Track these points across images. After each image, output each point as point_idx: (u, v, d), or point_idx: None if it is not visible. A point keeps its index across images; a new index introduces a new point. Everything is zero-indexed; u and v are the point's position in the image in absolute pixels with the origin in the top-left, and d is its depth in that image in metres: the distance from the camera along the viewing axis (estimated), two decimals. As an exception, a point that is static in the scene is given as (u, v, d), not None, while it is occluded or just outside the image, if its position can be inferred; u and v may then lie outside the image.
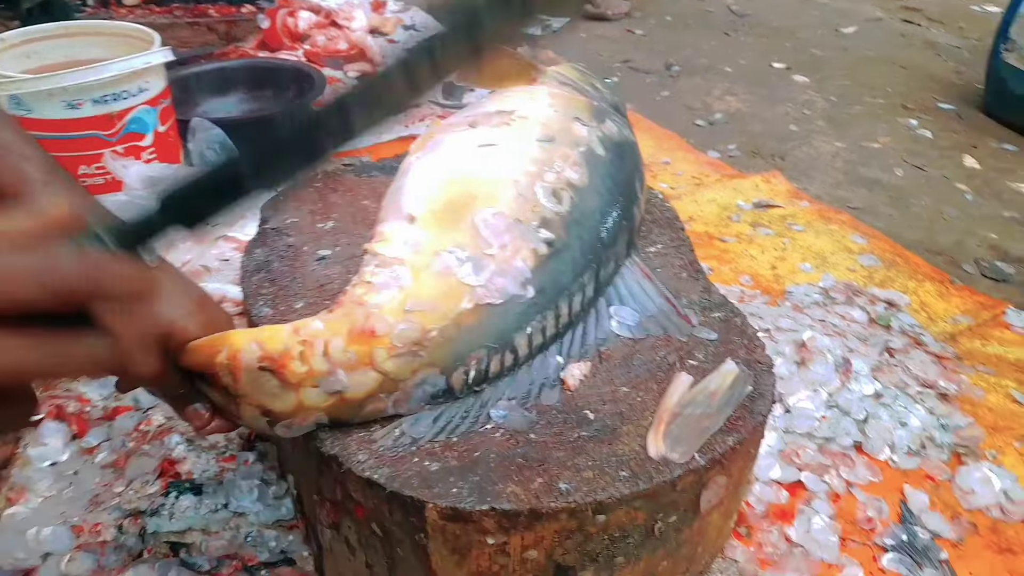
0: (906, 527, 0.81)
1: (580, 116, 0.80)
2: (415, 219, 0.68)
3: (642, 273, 0.78)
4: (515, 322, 0.64)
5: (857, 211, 1.52)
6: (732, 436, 0.62)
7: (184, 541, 0.77)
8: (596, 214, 0.73)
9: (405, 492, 0.56)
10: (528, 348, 0.66)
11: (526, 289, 0.64)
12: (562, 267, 0.68)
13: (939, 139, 1.89)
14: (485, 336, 0.62)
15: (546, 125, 0.77)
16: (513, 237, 0.66)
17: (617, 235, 0.75)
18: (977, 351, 1.09)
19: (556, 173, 0.72)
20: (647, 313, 0.74)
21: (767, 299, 1.16)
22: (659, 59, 2.33)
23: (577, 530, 0.58)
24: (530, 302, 0.64)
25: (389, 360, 0.59)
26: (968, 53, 2.52)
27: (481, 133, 0.77)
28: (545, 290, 0.66)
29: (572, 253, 0.69)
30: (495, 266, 0.64)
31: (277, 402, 0.58)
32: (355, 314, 0.61)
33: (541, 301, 0.65)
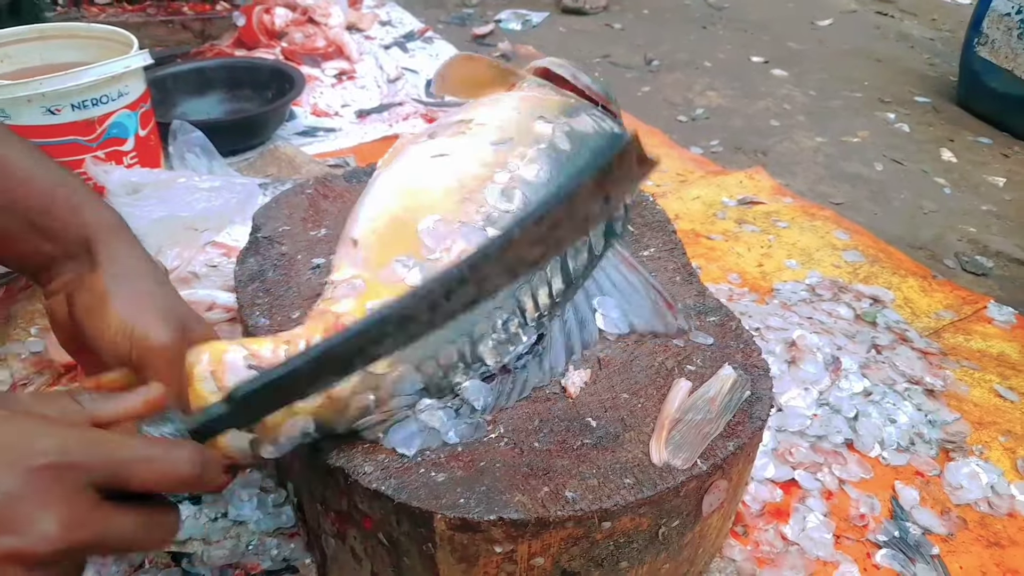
0: (898, 523, 0.83)
1: (545, 114, 0.80)
2: (357, 243, 0.70)
3: (626, 264, 0.78)
4: (474, 317, 0.64)
5: (839, 206, 1.53)
6: (732, 441, 0.63)
7: (185, 551, 0.76)
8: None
9: (413, 503, 0.57)
10: (497, 343, 0.66)
11: None
12: None
13: (916, 133, 1.92)
14: (447, 332, 0.62)
15: (503, 128, 0.78)
16: (457, 239, 0.68)
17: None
18: (961, 346, 1.11)
19: (509, 173, 0.73)
20: (632, 304, 0.75)
21: (755, 297, 1.17)
22: (638, 54, 2.34)
23: (583, 537, 0.59)
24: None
25: None
26: (941, 45, 2.55)
27: (436, 144, 0.78)
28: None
29: None
30: (439, 268, 0.64)
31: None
32: (326, 318, 0.63)
33: (497, 296, 0.65)
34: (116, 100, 1.20)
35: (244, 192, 1.17)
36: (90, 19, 1.93)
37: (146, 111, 1.28)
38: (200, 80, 1.69)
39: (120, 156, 1.24)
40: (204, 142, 1.36)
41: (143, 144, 1.27)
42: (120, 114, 1.21)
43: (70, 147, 1.16)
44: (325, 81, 1.90)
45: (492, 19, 2.51)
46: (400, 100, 1.81)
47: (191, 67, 1.72)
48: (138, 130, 1.26)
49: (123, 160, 1.25)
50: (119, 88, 1.20)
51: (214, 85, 1.71)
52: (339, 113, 1.77)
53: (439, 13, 2.54)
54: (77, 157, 1.17)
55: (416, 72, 1.97)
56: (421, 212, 0.70)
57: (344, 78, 1.93)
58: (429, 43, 2.18)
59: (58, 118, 1.15)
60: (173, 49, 1.95)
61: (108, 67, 1.17)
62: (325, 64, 1.97)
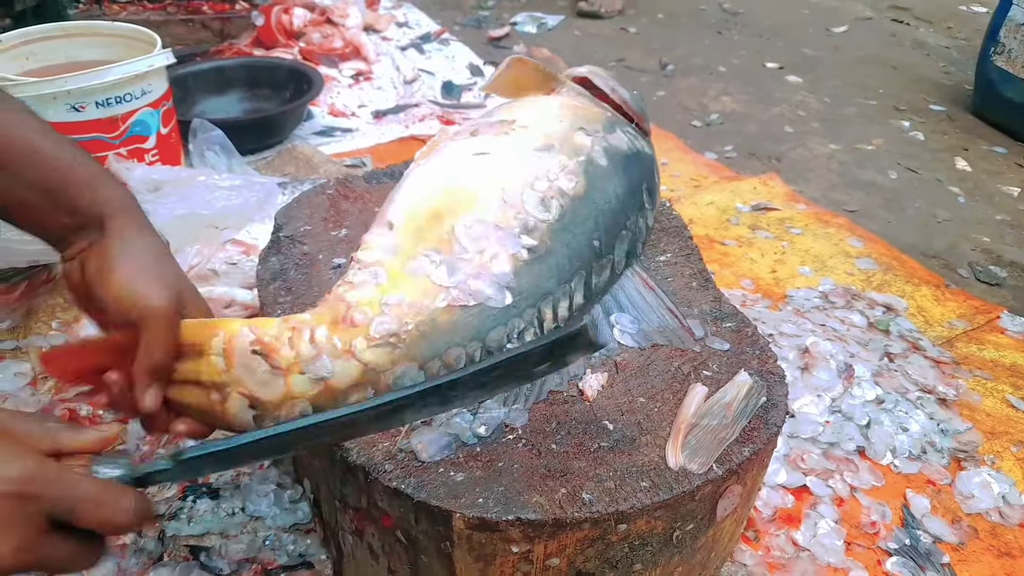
0: (909, 531, 0.83)
1: (586, 126, 0.80)
2: (394, 226, 0.70)
3: (644, 284, 0.79)
4: (491, 323, 0.65)
5: (853, 214, 1.54)
6: (748, 447, 0.64)
7: (203, 544, 0.78)
8: (589, 222, 0.73)
9: (432, 502, 0.58)
10: (503, 342, 0.66)
11: (503, 293, 0.65)
12: (545, 272, 0.68)
13: (931, 141, 1.92)
14: (460, 334, 0.64)
15: (547, 135, 0.78)
16: (492, 243, 0.67)
17: (614, 244, 0.76)
18: (973, 355, 1.12)
19: (549, 181, 0.73)
20: (649, 324, 0.75)
21: (768, 303, 1.18)
22: (653, 58, 2.34)
23: (599, 538, 0.60)
24: (507, 305, 0.66)
25: (368, 350, 0.61)
26: (957, 53, 2.54)
27: (479, 142, 0.77)
28: (524, 294, 0.67)
29: (557, 259, 0.70)
30: (470, 269, 0.65)
31: (266, 390, 0.60)
32: (337, 307, 0.64)
33: (520, 304, 0.66)
34: (139, 98, 1.22)
35: (264, 191, 1.18)
36: (112, 17, 1.94)
37: (168, 109, 1.29)
38: (220, 79, 1.71)
39: (142, 153, 1.26)
40: (224, 140, 1.38)
41: (164, 142, 1.29)
42: (143, 112, 1.23)
43: (94, 144, 1.18)
44: (342, 81, 1.91)
45: (508, 22, 2.52)
46: (416, 101, 1.82)
47: (211, 66, 1.73)
48: (160, 128, 1.27)
49: (145, 157, 1.26)
50: (142, 86, 1.22)
51: (233, 84, 1.72)
52: (356, 114, 1.78)
53: (455, 15, 2.55)
54: (101, 154, 1.19)
55: (432, 74, 1.99)
56: (460, 208, 0.69)
57: (361, 79, 1.94)
58: (445, 45, 2.19)
59: (83, 115, 1.17)
60: (192, 48, 1.97)
61: (132, 66, 1.18)
62: (342, 65, 1.98)
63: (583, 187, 0.74)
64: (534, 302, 0.68)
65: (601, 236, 0.74)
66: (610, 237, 0.75)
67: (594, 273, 0.74)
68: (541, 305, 0.68)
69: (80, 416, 0.90)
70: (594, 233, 0.73)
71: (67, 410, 0.90)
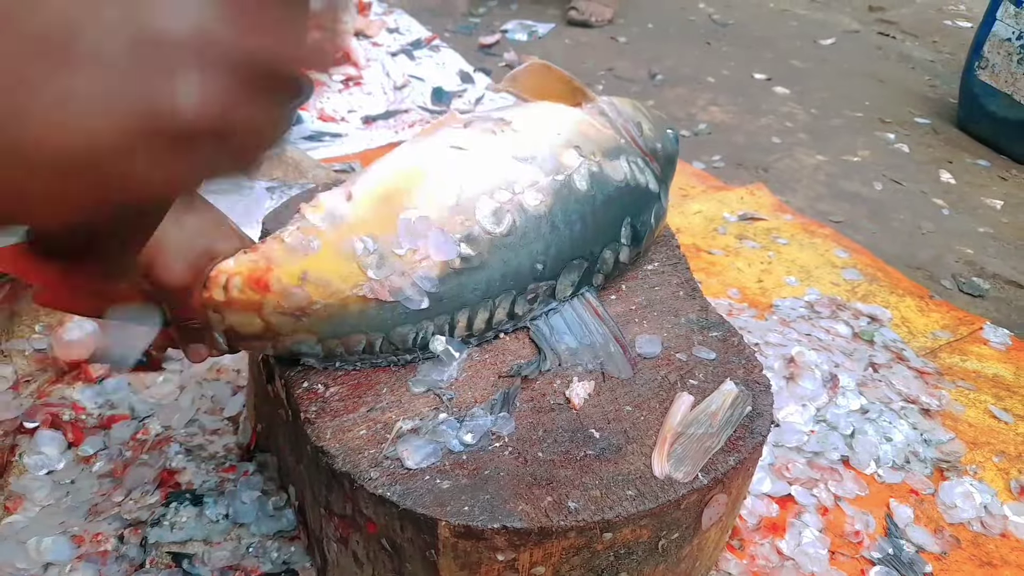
0: (892, 540, 0.84)
1: (583, 146, 0.76)
2: (351, 198, 0.68)
3: (592, 311, 0.76)
4: (400, 320, 0.65)
5: (839, 224, 1.55)
6: (733, 456, 0.64)
7: (186, 552, 0.77)
8: (538, 244, 0.70)
9: (418, 510, 0.58)
10: (411, 341, 0.67)
11: (421, 296, 0.65)
12: (471, 285, 0.67)
13: (916, 153, 1.94)
14: (365, 323, 0.65)
15: (534, 144, 0.74)
16: (428, 244, 0.66)
17: (561, 271, 0.73)
18: (956, 366, 1.13)
19: (512, 194, 0.70)
20: (585, 348, 0.73)
21: (754, 312, 1.19)
22: (643, 68, 2.36)
23: (585, 547, 0.60)
24: (421, 309, 0.66)
25: (274, 314, 0.64)
26: (942, 67, 2.58)
27: (464, 134, 0.75)
28: (444, 300, 0.66)
29: (489, 274, 0.68)
30: (399, 265, 0.65)
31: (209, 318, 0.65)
32: (259, 264, 0.64)
33: (435, 309, 0.66)
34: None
35: (251, 195, 1.18)
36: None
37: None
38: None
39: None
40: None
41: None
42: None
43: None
44: (332, 86, 1.91)
45: (499, 29, 2.53)
46: (406, 107, 1.82)
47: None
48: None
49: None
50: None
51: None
52: (345, 119, 1.78)
53: (446, 22, 2.55)
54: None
55: (422, 80, 1.99)
56: (413, 199, 0.68)
57: (351, 84, 1.94)
58: (436, 51, 2.19)
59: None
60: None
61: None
62: (332, 70, 1.98)
63: (547, 207, 0.71)
64: (451, 310, 0.67)
65: (547, 260, 0.71)
66: (558, 263, 0.72)
67: (522, 296, 0.71)
68: (457, 314, 0.68)
69: (63, 420, 0.89)
70: (540, 256, 0.71)
71: (49, 414, 0.89)
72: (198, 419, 0.92)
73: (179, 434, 0.89)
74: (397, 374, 0.68)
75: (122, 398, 0.94)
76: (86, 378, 0.95)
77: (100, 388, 0.95)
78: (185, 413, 0.92)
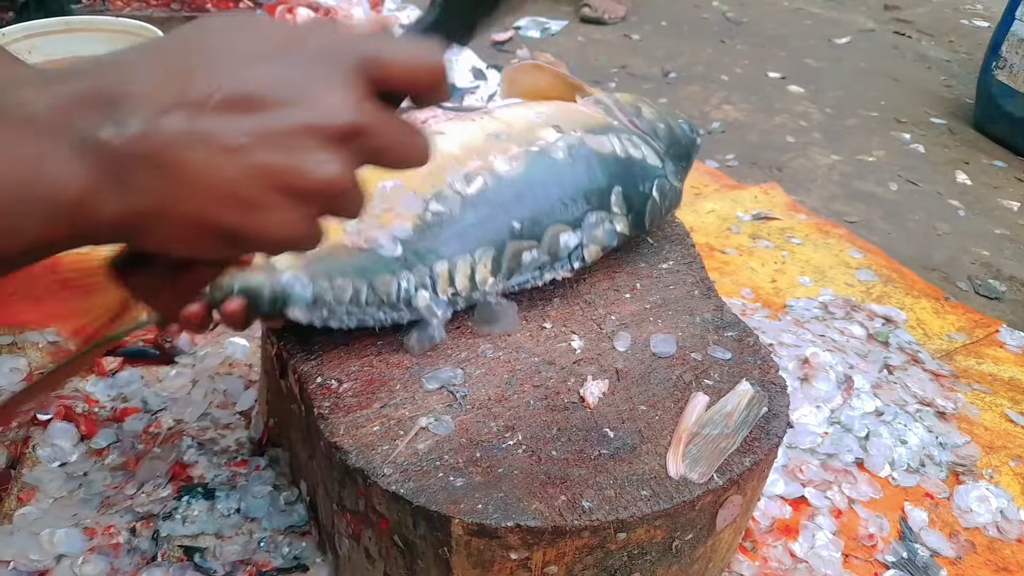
0: (906, 544, 0.83)
1: (563, 125, 0.79)
2: None
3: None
4: (380, 267, 0.68)
5: (854, 225, 1.54)
6: (749, 457, 0.64)
7: (197, 545, 0.77)
8: (511, 203, 0.73)
9: (431, 507, 0.57)
10: (395, 293, 0.68)
11: (395, 244, 0.68)
12: (443, 236, 0.70)
13: (931, 154, 1.92)
14: (350, 268, 0.67)
15: (510, 124, 0.78)
16: (400, 203, 0.71)
17: (543, 233, 0.74)
18: (972, 369, 1.12)
19: (482, 161, 0.74)
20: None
21: (768, 313, 1.18)
22: (656, 65, 2.35)
23: (598, 547, 0.59)
24: (398, 256, 0.69)
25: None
26: (958, 67, 2.56)
27: (447, 124, 0.78)
28: (419, 252, 0.69)
29: (461, 227, 0.71)
30: (374, 221, 0.69)
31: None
32: None
33: (411, 259, 0.69)
34: (141, 94, 1.21)
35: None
36: (115, 12, 1.94)
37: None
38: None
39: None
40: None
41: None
42: (144, 108, 1.22)
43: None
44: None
45: (511, 26, 2.52)
46: (419, 103, 1.82)
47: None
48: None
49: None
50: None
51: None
52: (358, 114, 1.78)
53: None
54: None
55: (435, 76, 1.98)
56: (391, 174, 0.69)
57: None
58: (448, 47, 2.19)
59: (83, 110, 1.16)
60: (195, 45, 1.96)
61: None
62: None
63: (519, 171, 0.74)
64: (428, 262, 0.69)
65: (524, 221, 0.73)
66: (537, 225, 0.73)
67: (509, 253, 0.72)
68: (435, 265, 0.69)
69: (76, 413, 0.89)
70: (514, 213, 0.73)
71: (63, 407, 0.90)
72: (210, 413, 0.91)
73: (191, 428, 0.89)
74: (410, 371, 0.68)
75: (135, 391, 0.94)
76: (99, 371, 0.96)
77: (113, 381, 0.95)
78: (197, 407, 0.92)
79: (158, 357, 0.99)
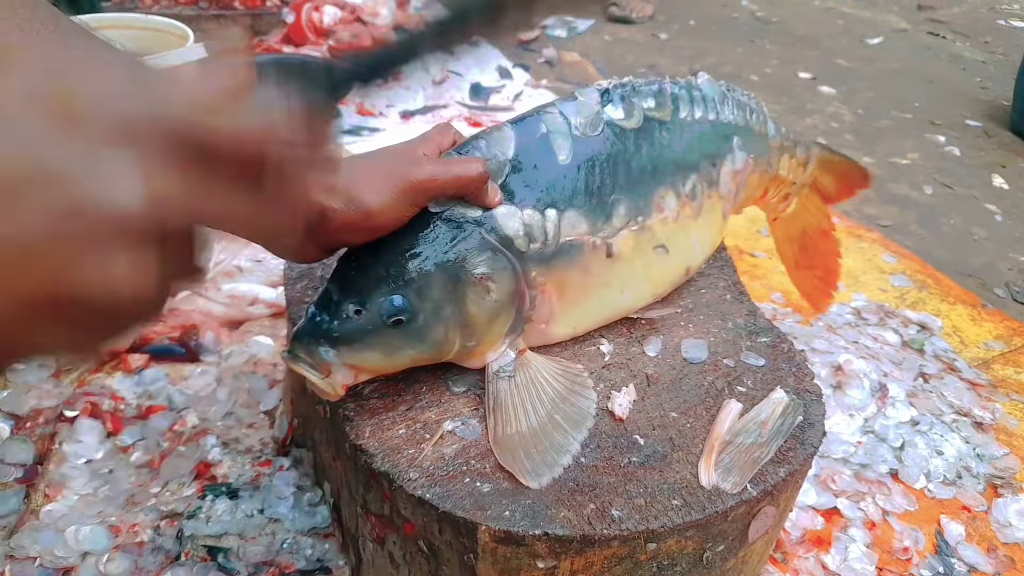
0: (942, 559, 0.80)
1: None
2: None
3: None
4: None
5: (887, 229, 1.51)
6: (783, 467, 0.62)
7: (221, 545, 0.77)
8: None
9: (458, 513, 0.56)
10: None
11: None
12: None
13: (967, 157, 1.88)
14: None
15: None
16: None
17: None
18: (1010, 378, 1.09)
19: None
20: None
21: (799, 318, 1.15)
22: (684, 65, 2.32)
23: (627, 557, 0.58)
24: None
25: None
26: (994, 68, 2.50)
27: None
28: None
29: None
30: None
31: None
32: None
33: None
34: (170, 92, 1.22)
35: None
36: (144, 10, 1.95)
37: (198, 104, 1.29)
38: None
39: (171, 147, 1.25)
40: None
41: (193, 136, 1.29)
42: (173, 106, 1.23)
43: (123, 136, 1.17)
44: (371, 80, 1.91)
45: (538, 25, 2.51)
46: (444, 102, 1.81)
47: (241, 61, 1.73)
48: (189, 122, 1.27)
49: (174, 151, 1.26)
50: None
51: (264, 80, 1.72)
52: (383, 113, 1.77)
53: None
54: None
55: (461, 75, 1.97)
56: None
57: (389, 78, 1.93)
58: (475, 46, 2.18)
59: (113, 107, 1.16)
60: (223, 43, 1.97)
61: (164, 59, 1.18)
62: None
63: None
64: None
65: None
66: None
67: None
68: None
69: (102, 409, 0.89)
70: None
71: (89, 403, 0.90)
72: (235, 412, 0.91)
73: (216, 427, 0.89)
74: (436, 373, 0.67)
75: (160, 389, 0.94)
76: (125, 368, 0.96)
77: (139, 378, 0.95)
78: (222, 406, 0.91)
79: (184, 355, 0.99)
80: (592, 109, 0.70)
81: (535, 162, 0.66)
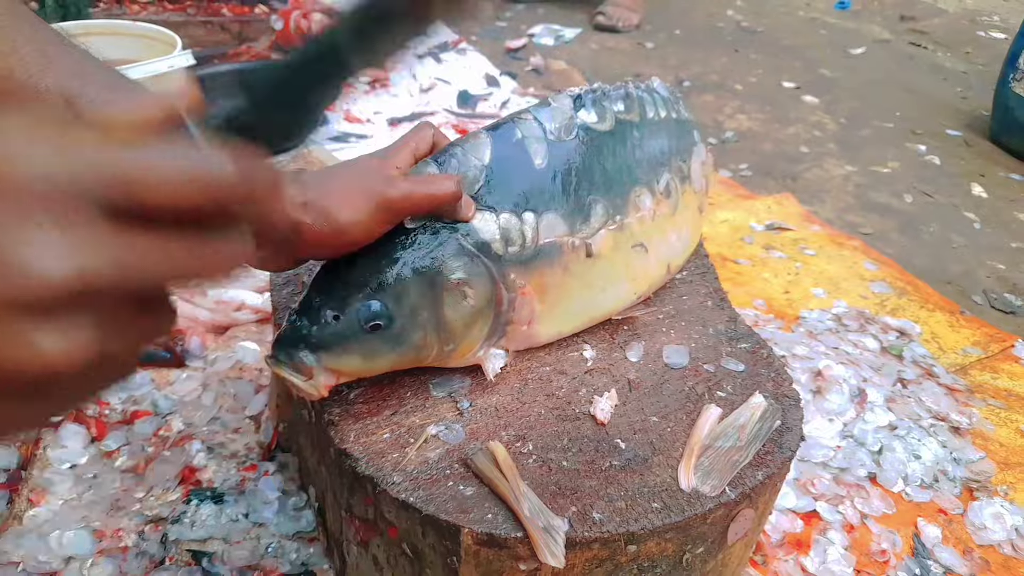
0: (919, 561, 0.82)
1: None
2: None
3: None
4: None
5: (868, 236, 1.53)
6: (762, 470, 0.63)
7: (205, 550, 0.77)
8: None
9: (441, 516, 0.57)
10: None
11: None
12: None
13: (947, 166, 1.91)
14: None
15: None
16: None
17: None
18: (987, 384, 1.10)
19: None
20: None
21: (781, 324, 1.17)
22: (670, 74, 2.34)
23: (608, 559, 0.59)
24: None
25: None
26: (974, 79, 2.54)
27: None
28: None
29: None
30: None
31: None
32: None
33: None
34: (157, 98, 1.22)
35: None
36: (132, 16, 1.95)
37: (185, 110, 1.29)
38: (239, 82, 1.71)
39: (158, 153, 1.25)
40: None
41: (180, 142, 1.29)
42: (160, 112, 1.23)
43: (110, 142, 1.18)
44: (358, 88, 1.91)
45: (525, 33, 2.52)
46: (432, 109, 1.82)
47: (229, 68, 1.74)
48: (176, 128, 1.27)
49: (160, 157, 1.26)
50: (162, 87, 1.22)
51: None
52: (371, 120, 1.78)
53: (473, 25, 2.55)
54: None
55: (448, 82, 1.99)
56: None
57: (377, 85, 1.94)
58: (462, 54, 2.19)
59: (100, 113, 1.17)
60: (210, 50, 1.97)
61: (152, 66, 1.19)
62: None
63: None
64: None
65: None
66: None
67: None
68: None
69: (87, 415, 0.89)
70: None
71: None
72: (220, 417, 0.92)
73: (201, 432, 0.89)
74: (420, 378, 0.68)
75: (145, 394, 0.94)
76: (111, 373, 0.96)
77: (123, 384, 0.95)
78: (207, 411, 0.92)
79: (169, 360, 0.99)
80: (566, 114, 0.71)
81: (512, 167, 0.67)
